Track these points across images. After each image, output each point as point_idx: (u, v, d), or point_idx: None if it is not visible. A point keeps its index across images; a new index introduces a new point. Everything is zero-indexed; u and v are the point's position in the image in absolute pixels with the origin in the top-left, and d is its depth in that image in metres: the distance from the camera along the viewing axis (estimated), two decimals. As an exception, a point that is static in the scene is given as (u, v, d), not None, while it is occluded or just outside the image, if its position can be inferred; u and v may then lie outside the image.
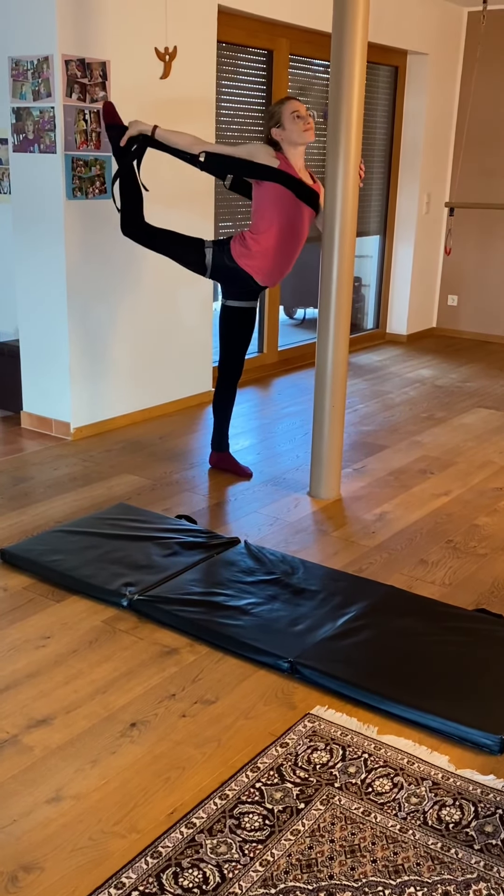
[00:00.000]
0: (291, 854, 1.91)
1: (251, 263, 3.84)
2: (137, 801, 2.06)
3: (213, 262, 3.89)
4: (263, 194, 3.77)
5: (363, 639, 2.71)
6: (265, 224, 3.78)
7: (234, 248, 3.85)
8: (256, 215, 3.81)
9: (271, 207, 3.76)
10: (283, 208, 3.76)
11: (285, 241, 3.82)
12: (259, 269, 3.85)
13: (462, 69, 7.25)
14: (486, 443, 4.82)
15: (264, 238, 3.79)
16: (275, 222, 3.77)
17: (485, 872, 1.87)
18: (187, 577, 3.09)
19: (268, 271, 3.87)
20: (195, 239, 3.95)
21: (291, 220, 3.79)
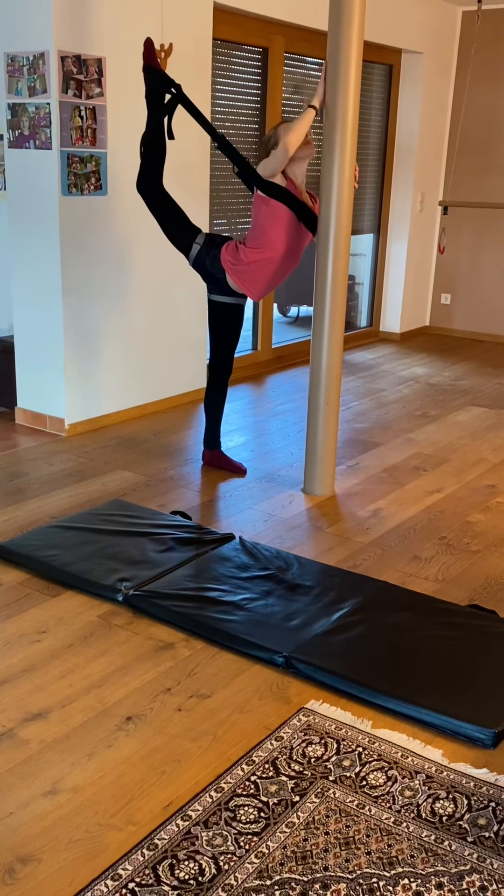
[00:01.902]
0: (286, 846, 1.92)
1: (240, 276, 3.82)
2: (133, 794, 2.07)
3: (195, 258, 3.89)
4: (266, 211, 3.72)
5: (357, 634, 2.73)
6: (262, 241, 3.75)
7: (224, 256, 3.82)
8: (255, 230, 3.77)
9: (272, 226, 3.72)
10: (283, 228, 3.72)
11: (280, 261, 3.79)
12: (248, 282, 3.83)
13: (456, 68, 7.27)
14: (479, 440, 4.84)
15: (259, 254, 3.76)
16: (273, 241, 3.74)
17: (478, 864, 1.89)
18: (182, 573, 3.10)
19: (256, 285, 3.85)
20: (192, 228, 3.93)
21: (290, 241, 3.77)
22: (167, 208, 3.93)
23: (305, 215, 3.75)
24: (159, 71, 3.83)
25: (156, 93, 3.83)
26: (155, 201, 3.93)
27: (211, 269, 3.88)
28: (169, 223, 3.94)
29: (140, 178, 3.92)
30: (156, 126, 3.85)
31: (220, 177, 5.47)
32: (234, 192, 5.66)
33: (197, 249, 3.88)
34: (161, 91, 3.83)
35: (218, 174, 5.42)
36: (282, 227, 3.73)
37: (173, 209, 3.94)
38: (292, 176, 3.75)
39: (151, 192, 3.92)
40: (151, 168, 3.90)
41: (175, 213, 3.94)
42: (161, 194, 3.92)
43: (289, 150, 3.57)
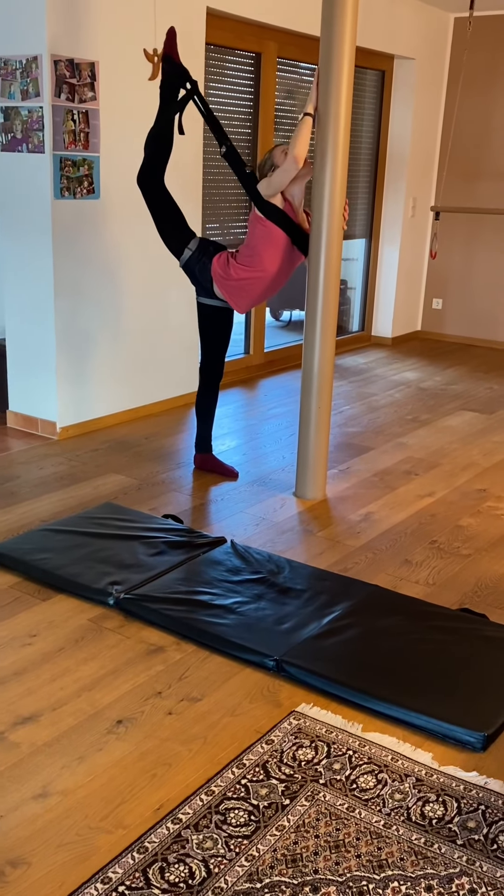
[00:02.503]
0: (277, 849, 1.93)
1: (227, 289, 3.81)
2: (124, 797, 2.07)
3: (185, 262, 3.89)
4: (260, 232, 3.70)
5: (348, 637, 2.73)
6: (253, 260, 3.73)
7: (215, 267, 3.81)
8: (248, 249, 3.75)
9: (265, 248, 3.71)
10: (276, 251, 3.72)
11: (269, 281, 3.79)
12: (234, 297, 3.83)
13: (448, 74, 7.30)
14: (469, 445, 4.86)
15: (248, 272, 3.75)
16: (264, 262, 3.73)
17: (467, 867, 1.90)
18: (174, 576, 3.10)
19: (242, 301, 3.86)
20: (187, 231, 3.91)
21: (281, 264, 3.76)
22: (165, 206, 3.89)
23: (300, 238, 3.74)
24: (178, 63, 3.79)
25: (171, 85, 3.80)
26: (153, 197, 3.89)
27: (199, 276, 3.88)
28: (164, 222, 3.91)
29: (142, 171, 3.88)
30: (166, 120, 3.82)
31: (214, 181, 5.48)
32: (227, 196, 5.67)
33: (188, 255, 3.88)
34: (176, 84, 3.79)
35: (211, 178, 5.43)
36: (275, 251, 3.72)
37: (171, 208, 3.91)
38: (290, 197, 3.73)
39: (151, 187, 3.88)
40: (155, 163, 3.86)
41: (172, 213, 3.91)
42: (161, 191, 3.88)
43: (298, 162, 3.54)
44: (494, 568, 3.35)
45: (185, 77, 3.79)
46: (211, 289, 3.88)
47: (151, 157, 3.86)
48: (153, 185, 3.88)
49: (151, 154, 3.86)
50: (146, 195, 3.91)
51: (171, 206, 3.91)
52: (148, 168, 3.87)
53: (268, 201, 3.66)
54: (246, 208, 5.84)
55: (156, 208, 3.91)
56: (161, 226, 3.93)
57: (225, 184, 5.60)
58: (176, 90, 3.81)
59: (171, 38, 3.81)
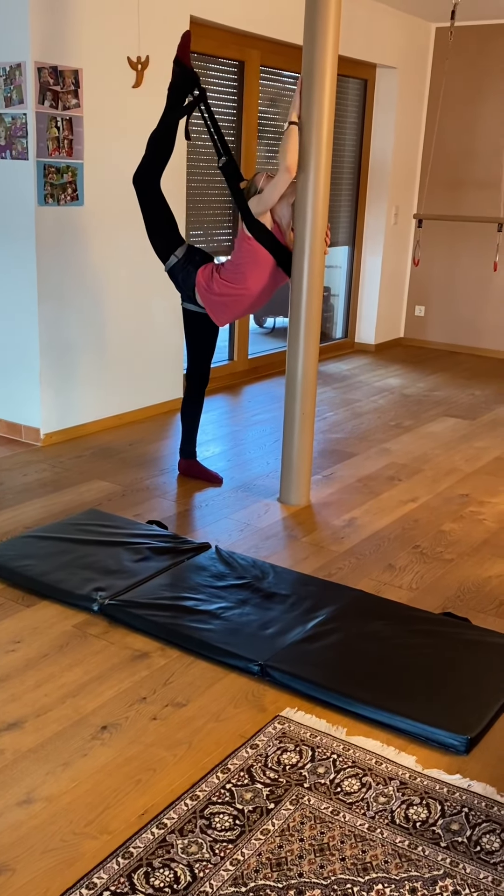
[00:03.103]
0: (261, 853, 1.93)
1: (208, 302, 3.82)
2: (109, 803, 2.07)
3: (170, 268, 3.89)
4: (246, 251, 3.69)
5: (332, 642, 2.74)
6: (237, 278, 3.73)
7: (199, 278, 3.81)
8: (233, 266, 3.74)
9: (250, 268, 3.70)
10: (261, 272, 3.71)
11: (251, 300, 3.79)
12: (214, 310, 3.84)
13: (430, 83, 7.37)
14: (452, 450, 4.89)
15: (231, 289, 3.75)
16: (247, 282, 3.72)
17: (451, 869, 1.91)
18: (158, 582, 3.10)
19: (223, 315, 3.86)
20: (176, 236, 3.90)
21: (265, 285, 3.76)
22: (157, 209, 3.88)
23: (286, 260, 3.73)
24: (188, 68, 3.78)
25: (179, 89, 3.79)
26: (147, 198, 3.87)
27: (182, 283, 3.88)
28: (154, 224, 3.90)
29: (139, 171, 3.86)
30: (170, 123, 3.81)
31: (198, 188, 5.49)
32: (211, 203, 5.69)
33: (174, 261, 3.88)
34: (185, 89, 3.79)
35: (195, 185, 5.45)
36: (259, 271, 3.71)
37: (163, 212, 3.89)
38: (279, 219, 3.71)
39: (147, 187, 3.86)
40: (153, 164, 3.85)
41: (163, 217, 3.89)
42: (155, 193, 3.87)
43: (292, 171, 3.52)
44: (477, 572, 3.38)
45: (195, 83, 3.78)
46: (193, 297, 3.89)
47: (150, 158, 3.84)
48: (148, 186, 3.86)
49: (151, 155, 3.84)
50: (140, 195, 3.88)
51: (164, 209, 3.90)
52: (145, 168, 3.85)
53: (257, 219, 3.64)
54: (230, 215, 5.86)
55: (148, 210, 3.89)
56: (151, 228, 3.91)
57: (209, 191, 5.62)
58: (183, 94, 3.81)
59: (185, 43, 3.79)
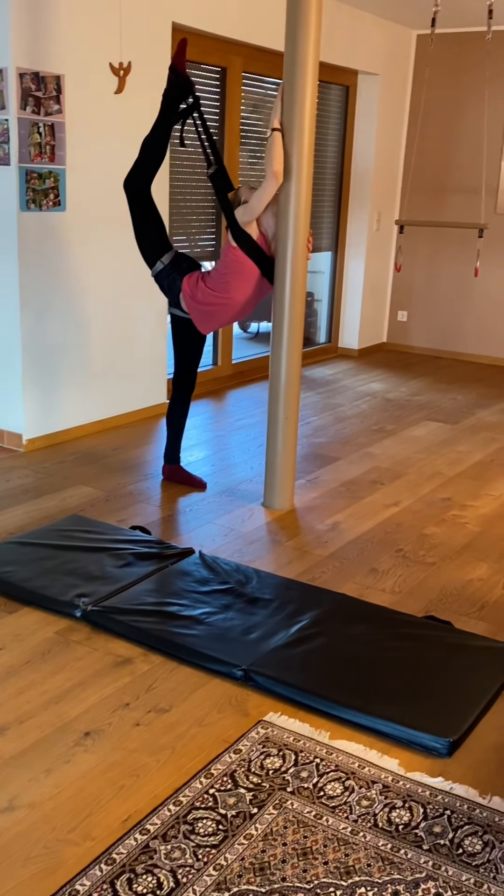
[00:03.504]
0: (245, 858, 1.93)
1: (193, 310, 3.81)
2: (92, 809, 2.07)
3: (156, 274, 3.88)
4: (232, 261, 3.69)
5: (316, 646, 2.75)
6: (222, 288, 3.72)
7: (184, 286, 3.80)
8: (218, 275, 3.73)
9: (235, 278, 3.70)
10: (246, 283, 3.71)
11: (236, 310, 3.79)
12: (198, 318, 3.83)
13: (412, 90, 7.41)
14: (434, 454, 4.91)
15: (215, 298, 3.74)
16: (231, 293, 3.72)
17: (433, 872, 1.92)
18: (141, 588, 3.10)
19: (207, 324, 3.85)
20: (164, 243, 3.89)
21: (250, 295, 3.76)
22: (147, 214, 3.87)
23: (272, 271, 3.73)
24: (183, 75, 3.77)
25: (174, 95, 3.79)
26: (138, 203, 3.86)
27: (167, 290, 3.88)
28: (143, 229, 3.88)
29: (130, 175, 3.85)
30: (163, 129, 3.81)
31: (181, 192, 5.50)
32: (195, 209, 5.69)
33: (160, 267, 3.87)
34: (179, 95, 3.78)
35: (178, 191, 5.46)
36: (244, 281, 3.70)
37: (152, 217, 3.88)
38: (265, 229, 3.71)
39: (137, 194, 3.84)
40: (145, 170, 3.84)
41: (152, 222, 3.88)
42: (146, 198, 3.86)
43: (278, 177, 3.53)
44: (459, 575, 3.39)
45: (189, 90, 3.78)
46: (179, 304, 3.89)
47: (142, 163, 3.83)
48: (139, 191, 3.85)
49: (143, 160, 3.84)
50: (130, 200, 3.87)
51: (153, 215, 3.89)
52: (137, 173, 3.84)
53: (243, 229, 3.64)
54: (214, 221, 5.87)
55: (137, 215, 3.88)
56: (139, 233, 3.90)
57: (193, 197, 5.63)
58: (178, 101, 3.80)
59: (181, 49, 3.79)
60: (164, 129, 3.82)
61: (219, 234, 5.90)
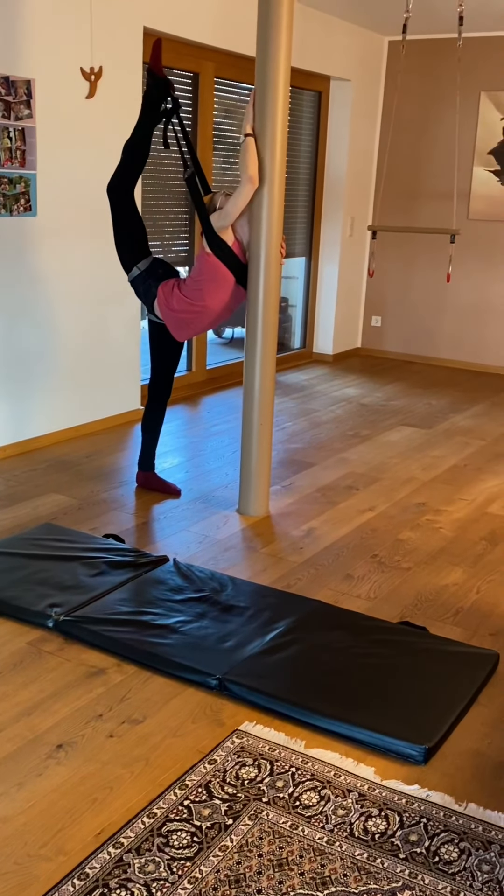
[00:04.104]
0: (220, 870, 1.91)
1: (168, 318, 3.79)
2: (64, 823, 2.04)
3: (132, 280, 3.85)
4: (207, 269, 3.66)
5: (291, 654, 2.73)
6: (197, 296, 3.69)
7: (160, 295, 3.77)
8: (193, 283, 3.70)
9: (210, 286, 3.67)
10: (221, 291, 3.68)
11: (211, 317, 3.77)
12: (173, 325, 3.81)
13: (384, 96, 7.45)
14: (409, 459, 4.92)
15: (190, 306, 3.72)
16: (206, 300, 3.69)
17: (409, 880, 1.91)
18: (115, 597, 3.07)
19: (182, 331, 3.83)
20: (142, 249, 3.86)
21: (225, 303, 3.74)
22: (127, 218, 3.83)
23: (246, 277, 3.71)
24: (161, 77, 3.74)
25: (153, 98, 3.75)
26: (119, 207, 3.82)
27: (143, 296, 3.85)
28: (122, 234, 3.84)
29: (114, 179, 3.81)
30: (145, 131, 3.77)
31: (154, 197, 5.48)
32: (168, 214, 5.67)
33: (136, 273, 3.84)
34: (158, 97, 3.75)
35: (151, 195, 5.44)
36: (218, 288, 3.68)
37: (133, 222, 3.84)
38: (240, 236, 3.69)
39: (120, 196, 3.81)
40: (127, 173, 3.80)
41: (132, 227, 3.84)
42: (128, 202, 3.82)
43: (254, 181, 3.51)
44: (434, 580, 3.39)
45: (167, 92, 3.74)
46: (154, 310, 3.86)
47: (125, 166, 3.80)
48: (122, 195, 3.81)
49: (125, 163, 3.80)
50: (113, 204, 3.84)
51: (134, 219, 3.85)
52: (120, 177, 3.81)
53: (218, 236, 3.61)
54: (187, 226, 5.85)
55: (118, 219, 3.84)
56: (119, 237, 3.86)
57: (167, 200, 5.61)
58: (157, 103, 3.77)
59: (155, 51, 3.75)
60: (146, 131, 3.79)
61: (192, 240, 5.89)
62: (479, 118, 7.03)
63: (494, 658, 2.77)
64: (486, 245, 7.21)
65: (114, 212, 3.85)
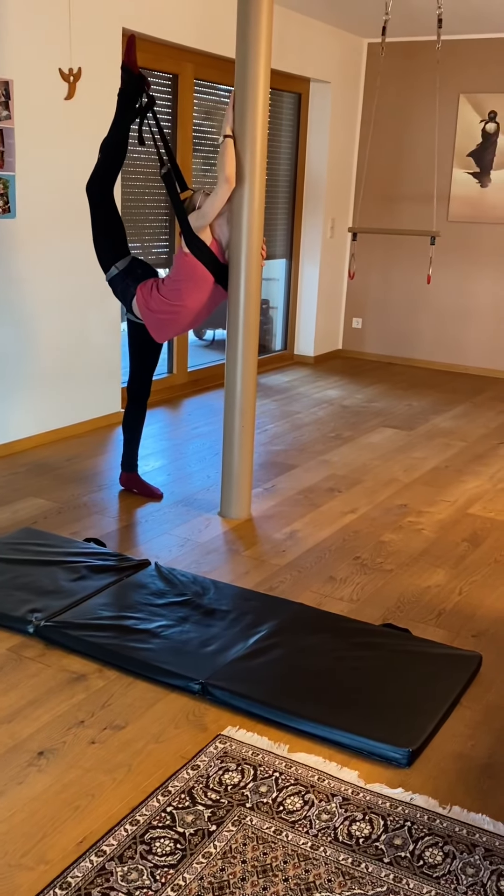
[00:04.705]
0: (203, 877, 1.89)
1: (147, 318, 3.77)
2: (46, 832, 2.01)
3: (110, 279, 3.83)
4: (186, 269, 3.64)
5: (274, 657, 2.72)
6: (175, 296, 3.68)
7: (139, 295, 3.75)
8: (172, 283, 3.68)
9: (188, 286, 3.65)
10: (199, 289, 3.67)
11: (190, 318, 3.76)
12: (152, 326, 3.79)
13: (363, 98, 7.46)
14: (390, 461, 4.92)
15: (168, 307, 3.70)
16: (185, 301, 3.67)
17: (394, 885, 1.90)
18: (96, 602, 3.04)
19: (161, 332, 3.81)
20: (121, 248, 3.83)
21: (204, 303, 3.73)
22: (107, 217, 3.80)
23: (225, 277, 3.70)
24: (136, 73, 3.70)
25: (128, 95, 3.72)
26: (98, 206, 3.79)
27: (121, 296, 3.83)
28: (101, 233, 3.81)
29: (92, 178, 3.78)
30: (121, 129, 3.75)
31: (133, 197, 5.45)
32: (148, 215, 5.65)
33: (114, 273, 3.82)
34: (133, 94, 3.72)
35: (130, 194, 5.41)
36: (197, 289, 3.66)
37: (112, 221, 3.82)
38: (218, 236, 3.67)
39: (99, 195, 3.78)
40: (106, 171, 3.77)
41: (111, 226, 3.82)
42: (107, 201, 3.79)
43: (231, 182, 3.50)
44: (416, 582, 3.39)
45: (142, 88, 3.71)
46: (133, 310, 3.84)
47: (103, 164, 3.77)
48: (101, 194, 3.78)
49: (103, 162, 3.77)
50: (92, 203, 3.80)
51: (113, 219, 3.82)
52: (99, 175, 3.78)
53: (196, 235, 3.60)
54: (167, 226, 5.83)
55: (97, 218, 3.81)
56: (97, 236, 3.83)
57: (147, 200, 5.59)
58: (132, 100, 3.73)
59: (129, 47, 3.72)
60: (122, 128, 3.77)
61: (172, 240, 5.86)
62: (458, 120, 7.06)
63: (477, 660, 2.77)
64: (466, 247, 7.24)
65: (93, 211, 3.82)
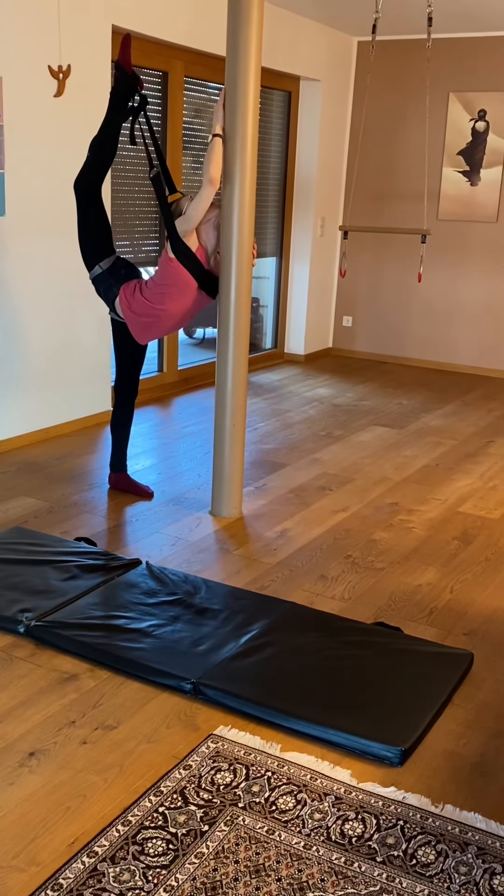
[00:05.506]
0: (196, 878, 1.89)
1: (129, 320, 3.75)
2: (37, 833, 2.00)
3: (94, 278, 3.81)
4: (170, 274, 3.62)
5: (266, 656, 2.72)
6: (158, 299, 3.66)
7: (122, 296, 3.73)
8: (156, 286, 3.67)
9: (172, 290, 3.64)
10: (182, 294, 3.65)
11: (173, 321, 3.74)
12: (135, 328, 3.77)
13: (353, 96, 7.46)
14: (381, 459, 4.93)
15: (151, 310, 3.68)
16: (167, 304, 3.66)
17: (387, 884, 1.90)
18: (87, 601, 3.03)
19: (144, 334, 3.79)
20: (106, 247, 3.80)
21: (188, 308, 3.71)
22: (93, 216, 3.78)
23: (209, 284, 3.69)
24: (129, 72, 3.68)
25: (121, 93, 3.70)
26: (85, 204, 3.77)
27: (104, 295, 3.81)
28: (86, 231, 3.80)
29: (80, 175, 3.76)
30: (112, 127, 3.73)
31: (123, 195, 5.44)
32: (138, 214, 5.63)
33: (98, 272, 3.80)
34: (126, 93, 3.70)
35: (120, 193, 5.39)
36: (180, 294, 3.64)
37: (98, 219, 3.80)
38: (204, 242, 3.65)
39: (87, 193, 3.75)
40: (95, 169, 3.75)
41: (97, 225, 3.80)
42: (94, 199, 3.77)
43: (214, 184, 3.48)
44: (407, 580, 3.39)
45: (135, 88, 3.70)
46: (115, 310, 3.82)
47: (92, 162, 3.75)
48: (89, 192, 3.76)
49: (92, 160, 3.75)
50: (79, 201, 3.78)
51: (100, 217, 3.80)
52: (87, 173, 3.75)
53: (182, 241, 3.58)
54: (157, 225, 5.81)
55: (83, 215, 3.79)
56: (82, 234, 3.81)
57: (137, 199, 5.57)
58: (125, 98, 3.72)
59: (124, 46, 3.70)
60: (113, 127, 3.75)
61: (161, 239, 5.85)
62: (448, 119, 7.07)
63: (468, 658, 2.77)
64: (456, 245, 7.25)
65: (79, 207, 3.80)
